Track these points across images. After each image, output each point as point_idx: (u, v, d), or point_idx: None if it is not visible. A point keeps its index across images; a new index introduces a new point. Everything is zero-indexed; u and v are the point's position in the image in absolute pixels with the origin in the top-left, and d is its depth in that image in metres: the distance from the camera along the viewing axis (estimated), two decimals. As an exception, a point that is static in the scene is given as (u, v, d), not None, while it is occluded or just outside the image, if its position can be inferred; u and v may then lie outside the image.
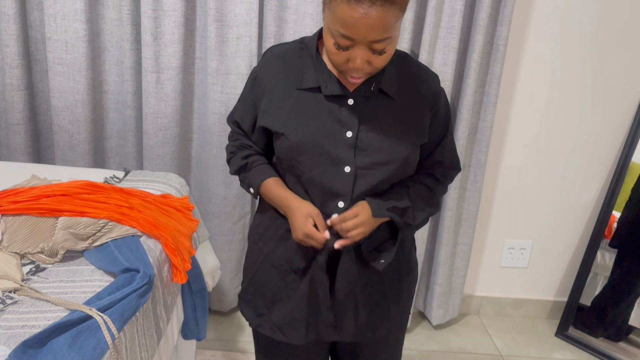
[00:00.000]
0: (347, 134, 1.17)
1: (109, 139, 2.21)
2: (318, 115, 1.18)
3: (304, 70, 1.20)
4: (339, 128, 1.18)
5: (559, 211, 2.47)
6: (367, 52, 1.06)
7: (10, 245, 1.36)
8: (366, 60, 1.08)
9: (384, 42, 1.05)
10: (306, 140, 1.18)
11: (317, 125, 1.18)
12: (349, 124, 1.18)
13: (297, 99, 1.20)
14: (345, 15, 1.01)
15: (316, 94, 1.19)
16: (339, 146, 1.17)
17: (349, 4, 1.00)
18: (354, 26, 1.02)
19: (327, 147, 1.17)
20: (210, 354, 2.16)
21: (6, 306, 1.15)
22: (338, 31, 1.04)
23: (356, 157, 1.18)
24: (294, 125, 1.19)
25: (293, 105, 1.20)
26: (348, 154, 1.18)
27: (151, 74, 2.02)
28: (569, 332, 2.48)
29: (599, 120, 2.34)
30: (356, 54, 1.06)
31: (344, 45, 1.06)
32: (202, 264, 1.81)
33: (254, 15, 1.99)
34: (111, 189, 1.59)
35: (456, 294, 2.47)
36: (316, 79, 1.18)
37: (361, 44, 1.05)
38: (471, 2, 2.07)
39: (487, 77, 2.15)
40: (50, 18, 1.98)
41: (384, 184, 1.22)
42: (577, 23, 2.20)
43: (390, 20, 1.03)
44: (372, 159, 1.18)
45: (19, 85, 2.04)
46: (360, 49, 1.06)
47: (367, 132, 1.18)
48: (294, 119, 1.19)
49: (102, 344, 1.07)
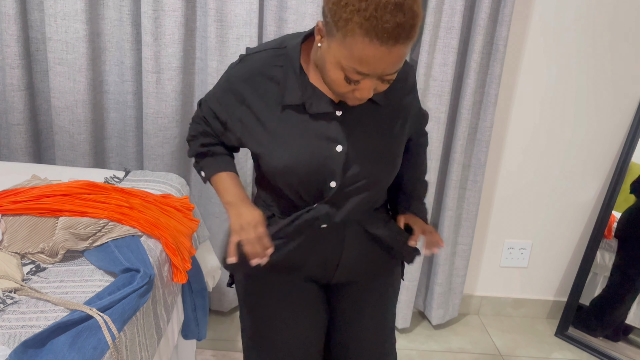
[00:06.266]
0: (337, 148, 1.13)
1: (110, 139, 2.22)
2: (304, 135, 1.12)
3: (286, 85, 1.12)
4: (327, 144, 1.12)
5: (559, 211, 2.48)
6: (376, 82, 1.02)
7: (10, 245, 1.36)
8: (374, 89, 1.04)
9: (395, 74, 1.02)
10: (292, 164, 1.13)
11: (304, 146, 1.12)
12: (338, 139, 1.13)
13: (279, 118, 1.13)
14: (366, 53, 0.94)
15: (300, 111, 1.13)
16: (328, 163, 1.13)
17: (372, 43, 0.93)
18: (374, 64, 0.96)
19: (315, 166, 1.12)
20: (211, 354, 2.16)
21: (6, 306, 1.16)
22: (353, 68, 0.97)
23: (345, 172, 1.14)
24: (278, 149, 1.13)
25: (276, 125, 1.13)
26: (338, 169, 1.13)
27: (151, 74, 2.03)
28: (569, 332, 2.48)
29: (599, 120, 2.34)
30: (366, 85, 1.01)
31: (356, 80, 1.00)
32: (202, 264, 1.82)
33: (254, 15, 2.00)
34: (111, 189, 1.59)
35: (456, 294, 2.48)
36: (300, 95, 1.11)
37: (373, 77, 1.00)
38: (471, 3, 2.07)
39: (486, 77, 2.15)
40: (51, 18, 1.98)
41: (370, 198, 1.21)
42: (576, 23, 2.20)
43: (407, 53, 0.99)
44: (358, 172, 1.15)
45: (19, 85, 2.04)
46: (371, 81, 1.01)
47: (357, 144, 1.14)
48: (277, 141, 1.13)
49: (103, 343, 1.07)
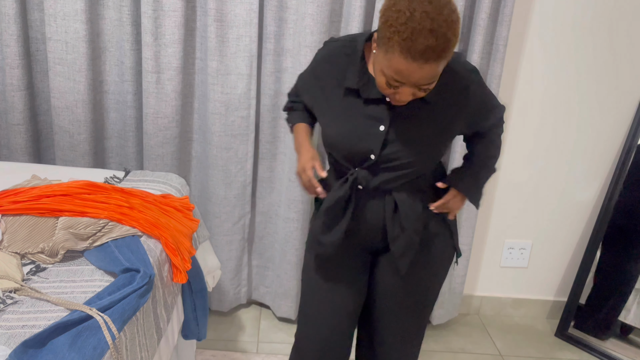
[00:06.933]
0: (380, 127, 1.29)
1: (110, 139, 2.22)
2: (355, 114, 1.31)
3: (348, 71, 1.30)
4: (372, 123, 1.29)
5: (559, 211, 2.48)
6: (414, 90, 1.16)
7: (10, 245, 1.36)
8: (411, 94, 1.18)
9: (431, 84, 1.16)
10: (341, 136, 1.32)
11: (352, 124, 1.31)
12: (382, 119, 1.29)
13: (339, 97, 1.32)
14: (401, 67, 1.10)
15: (356, 95, 1.30)
16: (370, 139, 1.29)
17: (406, 59, 1.08)
18: (407, 76, 1.11)
19: (357, 140, 1.30)
20: (211, 354, 2.16)
21: (6, 306, 1.16)
22: (391, 76, 1.13)
23: (383, 149, 1.29)
24: (332, 124, 1.34)
25: (336, 103, 1.33)
26: (377, 145, 1.29)
27: (151, 74, 2.03)
28: (569, 332, 2.48)
29: (599, 120, 2.34)
30: (405, 91, 1.16)
31: (394, 85, 1.16)
32: (202, 264, 1.81)
33: (254, 15, 2.00)
34: (111, 189, 1.59)
35: (456, 294, 2.48)
36: (357, 81, 1.29)
37: (410, 86, 1.15)
38: (471, 3, 2.07)
39: (487, 77, 2.15)
40: (51, 18, 1.98)
41: (405, 175, 1.33)
42: (576, 23, 2.20)
43: (439, 69, 1.12)
44: (395, 151, 1.29)
45: (19, 85, 2.04)
46: (407, 89, 1.16)
47: (398, 128, 1.29)
48: (334, 117, 1.33)
49: (103, 343, 1.07)
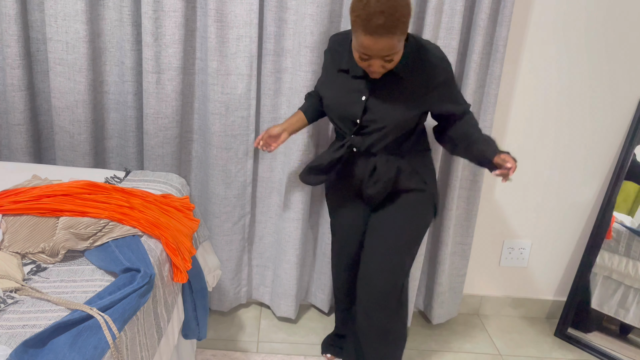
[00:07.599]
0: (362, 97, 1.69)
1: (110, 139, 2.22)
2: (344, 88, 1.73)
3: (343, 55, 1.74)
4: (356, 94, 1.70)
5: (559, 211, 2.48)
6: (381, 61, 1.54)
7: (11, 245, 1.36)
8: (381, 66, 1.56)
9: (392, 56, 1.53)
10: (333, 104, 1.76)
11: (342, 95, 1.73)
12: (363, 91, 1.69)
13: (336, 75, 1.76)
14: (364, 42, 1.49)
15: (347, 73, 1.72)
16: (354, 106, 1.70)
17: (365, 35, 1.47)
18: (369, 49, 1.50)
19: (346, 107, 1.72)
20: (211, 354, 2.17)
21: (7, 306, 1.16)
22: (361, 51, 1.53)
23: (364, 114, 1.70)
24: (330, 94, 1.77)
25: (334, 81, 1.77)
26: (359, 111, 1.70)
27: (152, 74, 2.03)
28: (568, 332, 2.48)
29: (599, 120, 2.34)
30: (374, 63, 1.55)
31: (364, 58, 1.55)
32: (203, 264, 1.82)
33: (254, 16, 2.00)
34: (112, 189, 1.59)
35: (456, 294, 2.48)
36: (347, 63, 1.72)
37: (376, 58, 1.53)
38: (471, 3, 2.07)
39: (486, 77, 2.16)
40: (51, 19, 1.99)
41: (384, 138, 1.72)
42: (576, 23, 2.20)
43: (394, 43, 1.48)
44: (373, 116, 1.68)
45: (19, 85, 2.05)
46: (376, 61, 1.54)
47: (376, 98, 1.68)
48: (331, 90, 1.77)
49: (103, 343, 1.07)
